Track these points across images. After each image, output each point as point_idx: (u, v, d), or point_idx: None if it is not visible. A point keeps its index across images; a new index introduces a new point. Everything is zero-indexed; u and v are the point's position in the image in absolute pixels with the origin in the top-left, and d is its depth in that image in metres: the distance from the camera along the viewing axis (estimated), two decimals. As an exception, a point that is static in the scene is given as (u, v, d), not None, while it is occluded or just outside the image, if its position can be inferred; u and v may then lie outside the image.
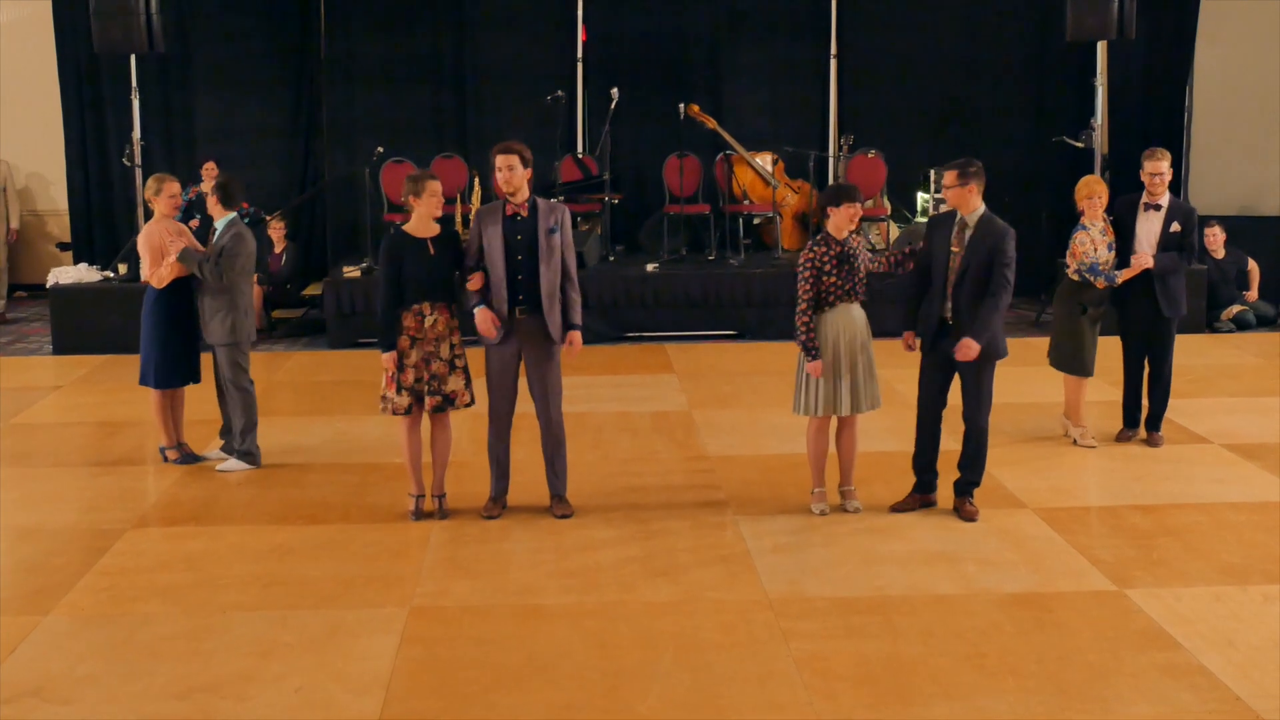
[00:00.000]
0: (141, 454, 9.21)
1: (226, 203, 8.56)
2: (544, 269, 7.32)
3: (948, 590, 6.52)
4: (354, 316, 12.79)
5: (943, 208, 7.58)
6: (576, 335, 7.48)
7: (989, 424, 7.51)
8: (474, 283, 7.34)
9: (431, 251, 7.38)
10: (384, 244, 7.45)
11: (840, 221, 7.35)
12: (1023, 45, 15.03)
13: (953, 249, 7.36)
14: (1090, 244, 8.67)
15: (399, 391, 7.41)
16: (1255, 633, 5.98)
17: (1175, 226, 8.74)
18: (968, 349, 7.26)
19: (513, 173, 7.29)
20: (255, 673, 5.68)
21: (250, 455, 8.64)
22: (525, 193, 7.36)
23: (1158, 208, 8.76)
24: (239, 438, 8.63)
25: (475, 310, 7.35)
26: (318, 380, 11.49)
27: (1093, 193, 8.73)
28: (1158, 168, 8.71)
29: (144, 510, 7.92)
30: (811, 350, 7.35)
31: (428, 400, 7.48)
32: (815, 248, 7.37)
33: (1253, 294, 13.34)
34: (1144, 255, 8.68)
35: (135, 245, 12.65)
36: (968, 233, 7.34)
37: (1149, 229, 8.75)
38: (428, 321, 7.40)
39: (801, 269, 7.37)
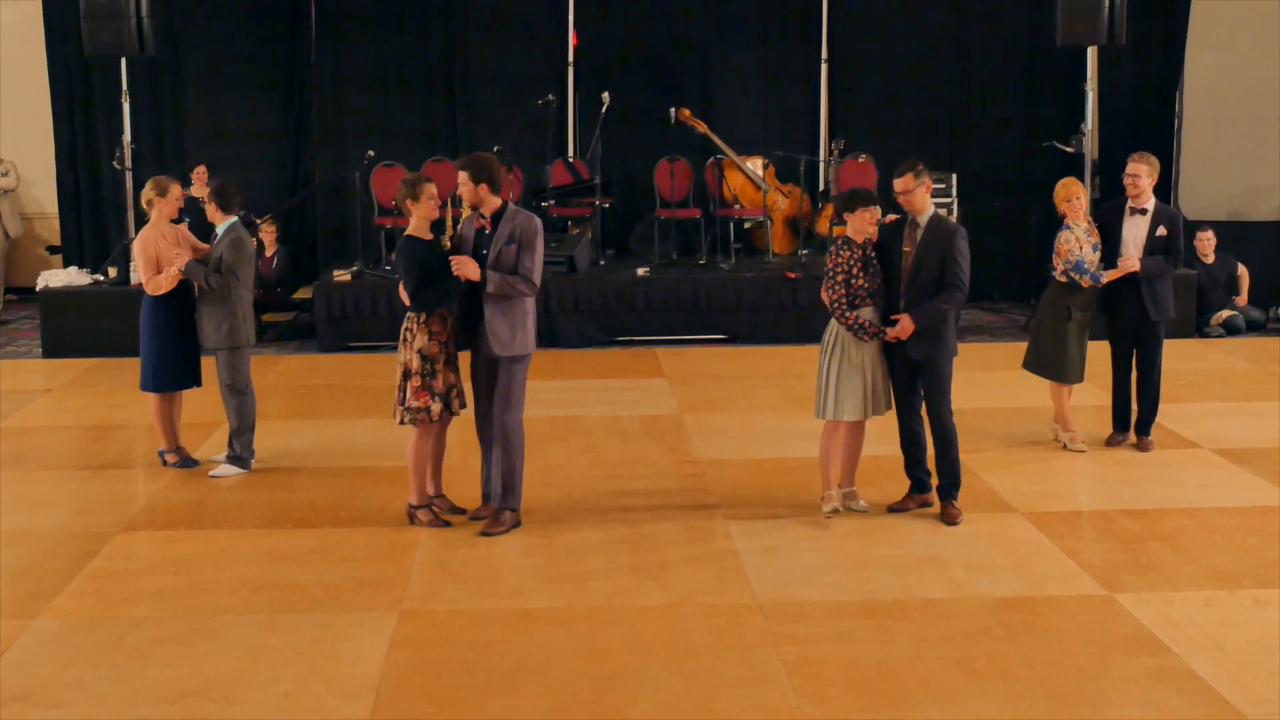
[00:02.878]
0: (131, 457, 9.20)
1: (226, 208, 8.53)
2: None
3: (937, 594, 6.52)
4: (344, 320, 12.77)
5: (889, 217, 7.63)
6: (467, 258, 7.25)
7: (954, 421, 7.52)
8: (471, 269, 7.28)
9: (439, 252, 7.39)
10: (402, 250, 7.39)
11: (860, 225, 7.38)
12: (1013, 50, 15.02)
13: (904, 249, 7.41)
14: (1075, 242, 8.68)
15: (434, 398, 7.37)
16: (1245, 637, 5.99)
17: (1161, 230, 8.75)
18: (903, 326, 7.33)
19: (464, 188, 7.24)
20: (244, 677, 5.67)
21: (241, 460, 8.62)
22: (492, 203, 7.30)
23: (1143, 212, 8.77)
24: (232, 441, 8.61)
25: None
26: (308, 384, 11.46)
27: (1071, 194, 8.73)
28: (1135, 169, 8.72)
29: (133, 514, 7.91)
30: (876, 330, 7.36)
31: (456, 406, 7.49)
32: (842, 251, 7.38)
33: (1242, 299, 13.37)
34: (1130, 258, 8.70)
35: (127, 248, 12.77)
36: (918, 232, 7.40)
37: (1135, 233, 8.76)
38: (449, 323, 7.41)
39: (833, 273, 7.37)
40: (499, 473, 7.48)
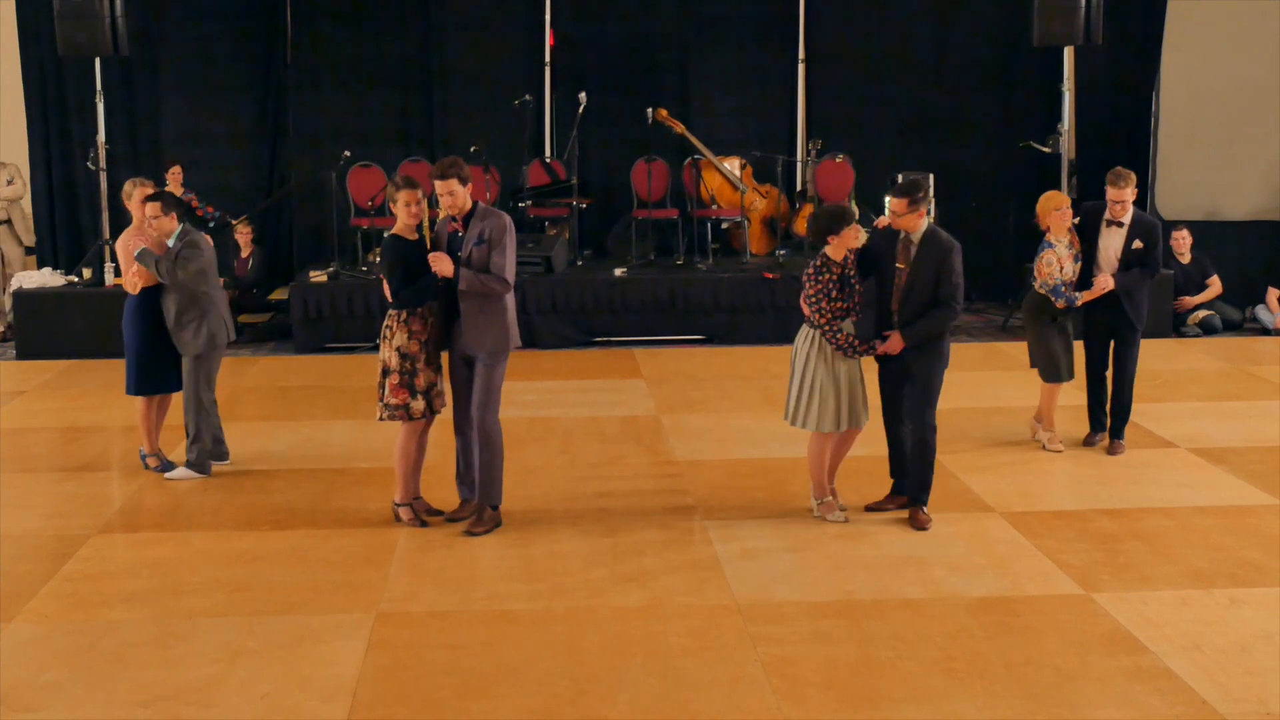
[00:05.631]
0: (106, 459, 9.14)
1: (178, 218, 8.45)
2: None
3: (916, 594, 6.51)
4: (320, 321, 12.72)
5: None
6: (443, 254, 7.26)
7: (935, 426, 7.49)
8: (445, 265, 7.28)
9: (423, 252, 7.36)
10: (386, 249, 7.39)
11: (847, 242, 7.29)
12: (990, 50, 15.04)
13: (898, 265, 7.38)
14: (1056, 264, 8.62)
15: (414, 396, 7.35)
16: (1222, 636, 6.00)
17: (1137, 244, 8.67)
18: (894, 342, 7.33)
19: (455, 196, 7.22)
20: (221, 679, 5.64)
21: (200, 465, 8.55)
22: (467, 207, 7.30)
23: (1120, 224, 8.73)
24: (191, 446, 8.54)
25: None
26: (284, 385, 11.41)
27: (1060, 205, 8.66)
28: (1120, 195, 8.59)
29: (109, 516, 7.85)
30: (866, 347, 7.34)
31: (437, 406, 7.49)
32: (822, 274, 7.28)
33: (1213, 291, 13.37)
34: (1105, 278, 8.65)
35: (101, 249, 12.72)
36: (913, 249, 7.36)
37: (1111, 246, 8.71)
38: (429, 323, 7.39)
39: (816, 298, 7.26)
40: (480, 474, 7.45)
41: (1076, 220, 8.81)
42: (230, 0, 14.91)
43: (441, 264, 7.21)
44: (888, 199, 7.40)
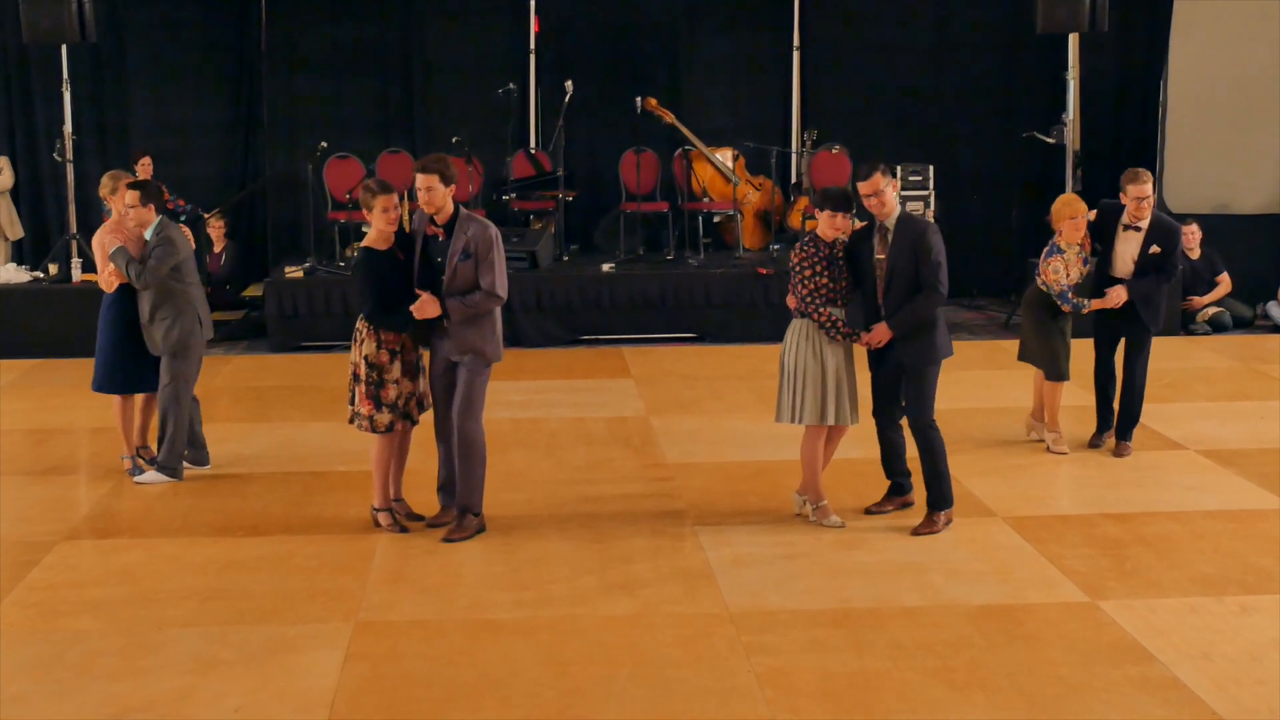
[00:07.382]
0: (74, 462, 9.10)
1: (158, 209, 8.26)
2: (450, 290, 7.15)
3: (915, 602, 6.43)
4: (296, 319, 12.63)
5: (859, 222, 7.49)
6: (427, 298, 7.09)
7: (933, 424, 7.36)
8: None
9: (401, 257, 7.19)
10: (358, 265, 7.26)
11: (824, 226, 7.25)
12: (992, 38, 15.01)
13: (877, 256, 7.27)
14: (1063, 270, 8.50)
15: (379, 408, 7.23)
16: (1231, 644, 5.93)
17: (1155, 249, 8.52)
18: (879, 332, 7.23)
19: (432, 193, 7.04)
20: (192, 692, 5.56)
21: (171, 467, 8.38)
22: (448, 210, 7.13)
23: (1138, 229, 8.55)
24: (162, 448, 8.38)
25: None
26: (258, 385, 11.35)
27: (1076, 213, 8.51)
28: (1143, 191, 8.44)
29: (76, 521, 7.76)
30: (850, 331, 7.23)
31: (415, 414, 7.38)
32: (805, 248, 7.25)
33: (1222, 290, 13.27)
34: (1119, 291, 8.51)
35: (68, 244, 12.59)
36: (889, 236, 7.24)
37: (1127, 251, 8.57)
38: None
39: (799, 269, 7.22)
40: (460, 480, 7.35)
41: (1093, 215, 8.64)
42: (201, -16, 14.81)
43: (427, 309, 7.06)
44: (861, 186, 7.21)
